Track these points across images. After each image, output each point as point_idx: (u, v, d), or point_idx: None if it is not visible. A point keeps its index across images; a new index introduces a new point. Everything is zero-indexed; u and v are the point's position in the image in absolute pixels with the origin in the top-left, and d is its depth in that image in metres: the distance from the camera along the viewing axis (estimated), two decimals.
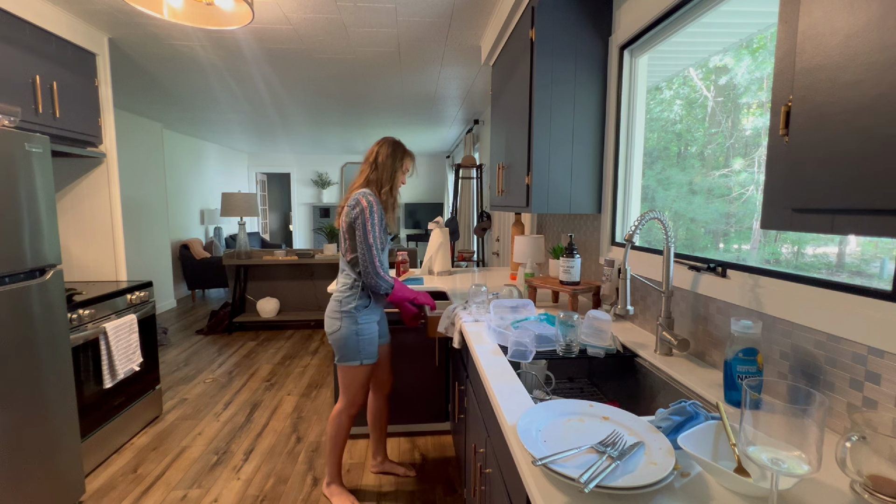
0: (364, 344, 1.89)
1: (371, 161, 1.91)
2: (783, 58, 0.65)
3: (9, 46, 2.01)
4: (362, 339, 1.88)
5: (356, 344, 1.88)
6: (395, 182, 1.92)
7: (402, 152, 1.94)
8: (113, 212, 2.71)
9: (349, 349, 1.87)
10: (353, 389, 1.93)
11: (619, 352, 1.40)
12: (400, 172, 1.93)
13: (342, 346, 1.88)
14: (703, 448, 0.79)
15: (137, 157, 5.05)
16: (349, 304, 1.86)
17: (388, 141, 1.94)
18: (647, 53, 1.69)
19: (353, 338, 1.87)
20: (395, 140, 1.95)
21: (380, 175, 1.89)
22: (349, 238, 1.84)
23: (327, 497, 2.05)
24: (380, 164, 1.90)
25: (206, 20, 1.82)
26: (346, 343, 1.87)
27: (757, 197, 1.31)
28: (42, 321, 1.80)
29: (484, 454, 1.34)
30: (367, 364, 1.91)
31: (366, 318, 1.89)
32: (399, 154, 1.93)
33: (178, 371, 3.64)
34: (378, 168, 1.89)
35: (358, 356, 1.89)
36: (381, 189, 1.89)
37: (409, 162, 1.97)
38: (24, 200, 1.72)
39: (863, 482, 0.70)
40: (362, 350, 1.89)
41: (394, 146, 1.93)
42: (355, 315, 1.87)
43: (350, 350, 1.88)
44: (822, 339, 0.91)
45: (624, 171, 1.81)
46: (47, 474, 1.81)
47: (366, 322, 1.89)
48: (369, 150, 1.95)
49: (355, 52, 2.97)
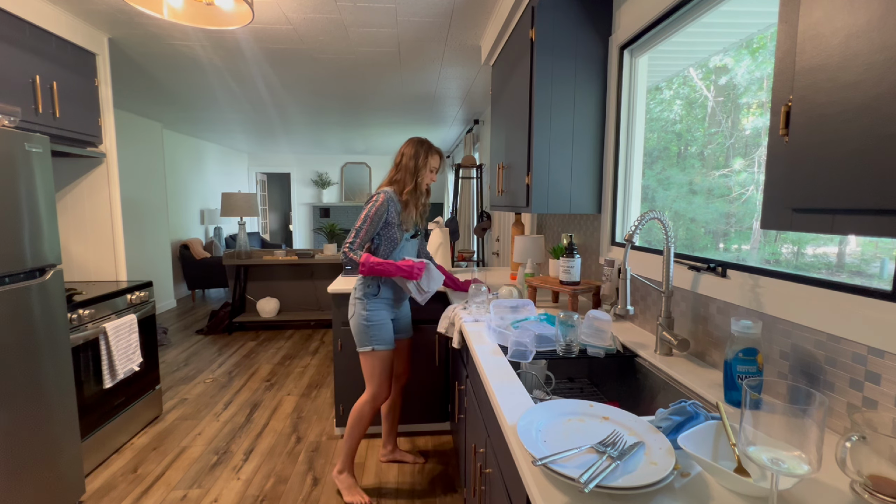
0: (373, 330, 1.95)
1: (396, 163, 1.99)
2: (783, 58, 0.65)
3: (9, 46, 2.01)
4: (371, 325, 1.94)
5: (366, 330, 1.94)
6: (418, 181, 1.96)
7: (425, 151, 1.97)
8: (113, 212, 2.71)
9: (360, 335, 1.96)
10: (375, 379, 1.97)
11: (619, 352, 1.40)
12: (425, 171, 1.97)
13: (356, 332, 1.97)
14: (703, 448, 0.79)
15: (137, 157, 5.05)
16: (360, 291, 1.97)
17: (412, 142, 1.98)
18: (647, 53, 1.69)
19: (362, 323, 1.95)
20: (419, 140, 1.99)
21: (403, 176, 1.96)
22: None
23: (337, 483, 2.10)
24: (402, 166, 1.96)
25: (206, 20, 1.82)
26: (357, 328, 1.96)
27: (757, 197, 1.31)
28: (42, 321, 1.80)
29: (484, 454, 1.34)
30: (379, 350, 1.95)
31: (374, 306, 1.95)
32: (422, 153, 1.96)
33: (178, 371, 3.64)
34: (401, 169, 1.96)
35: (369, 341, 1.95)
36: (405, 189, 1.95)
37: (434, 160, 1.99)
38: (24, 200, 1.72)
39: (863, 482, 0.70)
40: (373, 336, 1.95)
41: (416, 146, 1.97)
42: (364, 301, 1.95)
43: (361, 335, 1.95)
44: (822, 339, 0.91)
45: (624, 171, 1.81)
46: (47, 474, 1.81)
47: (374, 309, 1.95)
48: (397, 151, 2.01)
49: (355, 52, 2.97)
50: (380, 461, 2.35)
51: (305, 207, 9.24)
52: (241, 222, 4.82)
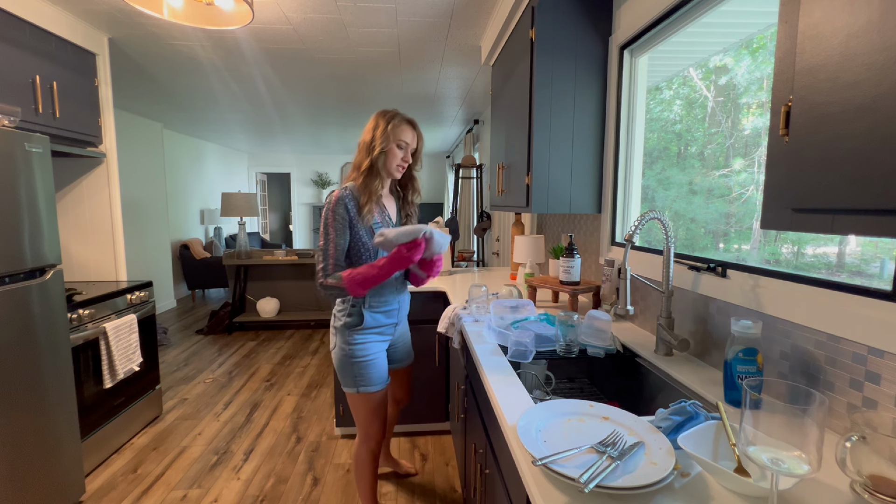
0: (358, 368, 1.57)
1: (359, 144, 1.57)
2: (783, 58, 0.65)
3: (9, 46, 2.01)
4: (355, 362, 1.57)
5: (350, 367, 1.57)
6: (374, 159, 1.51)
7: (386, 121, 1.52)
8: (113, 212, 2.71)
9: (343, 373, 1.59)
10: (363, 422, 1.63)
11: (619, 352, 1.40)
12: (389, 146, 1.51)
13: (337, 368, 1.61)
14: (703, 448, 0.79)
15: (137, 157, 5.05)
16: (339, 320, 1.59)
17: (375, 114, 1.57)
18: (647, 53, 1.69)
19: (345, 360, 1.58)
20: (382, 111, 1.56)
21: (360, 159, 1.54)
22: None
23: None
24: (360, 144, 1.55)
25: (206, 20, 1.82)
26: (339, 364, 1.60)
27: (757, 197, 1.31)
28: (42, 321, 1.80)
29: (484, 454, 1.34)
30: (364, 392, 1.58)
31: (359, 339, 1.57)
32: (382, 123, 1.52)
33: (178, 371, 3.64)
34: (360, 151, 1.54)
35: (353, 383, 1.58)
36: (360, 170, 1.52)
37: (402, 131, 1.53)
38: (24, 200, 1.72)
39: (863, 482, 0.70)
40: (357, 375, 1.57)
41: (377, 117, 1.55)
42: (346, 334, 1.57)
43: (344, 374, 1.59)
44: (822, 339, 0.91)
45: (624, 171, 1.81)
46: (47, 474, 1.81)
47: (359, 343, 1.57)
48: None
49: (355, 52, 2.97)
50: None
51: (305, 207, 9.24)
52: (241, 222, 4.83)
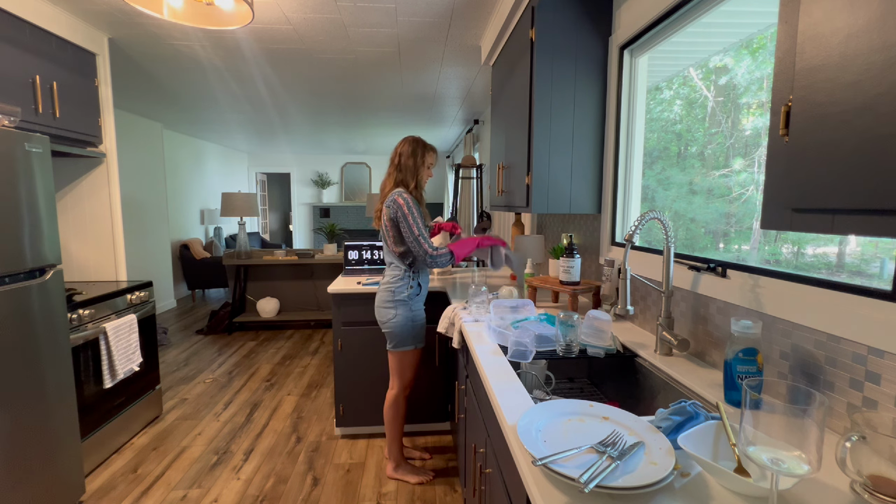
0: (418, 329, 2.07)
1: (396, 164, 2.03)
2: (783, 58, 0.65)
3: (9, 46, 2.01)
4: (417, 324, 2.05)
5: (411, 330, 2.04)
6: (418, 179, 2.04)
7: (421, 150, 2.04)
8: (113, 212, 2.71)
9: (405, 335, 2.03)
10: (408, 373, 2.09)
11: (619, 352, 1.40)
12: (423, 169, 2.05)
13: (398, 334, 2.02)
14: (703, 448, 0.79)
15: (137, 157, 5.05)
16: (402, 293, 2.01)
17: (407, 140, 2.05)
18: (647, 53, 1.69)
19: (408, 324, 2.02)
20: (414, 139, 2.05)
21: (405, 175, 2.02)
22: (394, 233, 1.97)
23: (399, 479, 2.19)
24: (402, 166, 2.02)
25: (206, 20, 1.82)
26: (402, 330, 2.02)
27: (757, 197, 1.31)
28: (42, 321, 1.79)
29: (484, 454, 1.34)
30: (419, 348, 2.10)
31: (418, 305, 2.07)
32: (419, 152, 2.03)
33: (178, 371, 3.64)
34: (402, 169, 2.02)
35: (412, 341, 2.05)
36: (409, 187, 2.02)
37: (430, 157, 2.07)
38: (24, 200, 1.72)
39: (863, 482, 0.70)
40: (417, 335, 2.07)
41: (413, 145, 2.03)
42: (409, 303, 2.02)
43: (405, 336, 2.03)
44: (822, 339, 0.91)
45: (624, 171, 1.81)
46: (47, 474, 1.81)
47: (418, 308, 2.07)
48: (393, 151, 2.06)
49: (355, 52, 2.97)
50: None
51: (305, 207, 9.24)
52: (241, 222, 4.82)
